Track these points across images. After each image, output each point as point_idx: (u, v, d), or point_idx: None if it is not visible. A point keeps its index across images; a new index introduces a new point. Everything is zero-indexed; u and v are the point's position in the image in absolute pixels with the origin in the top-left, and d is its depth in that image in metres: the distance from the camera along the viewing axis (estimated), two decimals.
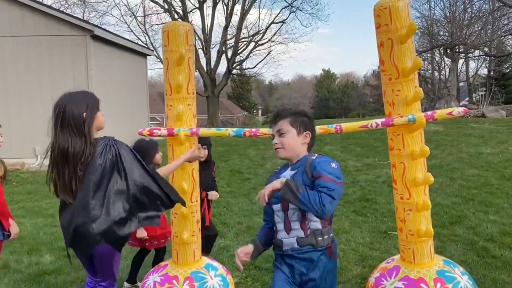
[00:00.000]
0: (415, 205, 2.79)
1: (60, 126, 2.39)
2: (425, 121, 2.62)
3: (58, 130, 2.40)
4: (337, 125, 2.85)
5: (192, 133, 2.97)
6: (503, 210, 5.63)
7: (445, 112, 2.63)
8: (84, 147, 2.36)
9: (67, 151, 2.34)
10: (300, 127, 2.27)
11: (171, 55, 2.94)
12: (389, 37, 2.63)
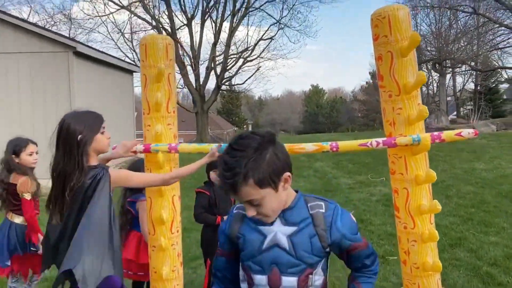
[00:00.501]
0: (420, 235, 2.51)
1: (57, 143, 2.23)
2: (430, 143, 2.36)
3: (56, 148, 2.24)
4: (332, 143, 2.53)
5: (170, 148, 2.65)
6: (504, 231, 5.38)
7: (454, 133, 2.37)
8: (76, 172, 2.14)
9: (59, 171, 2.17)
10: (273, 180, 1.39)
11: (149, 70, 2.66)
12: (389, 50, 2.38)
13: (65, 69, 8.85)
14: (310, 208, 1.51)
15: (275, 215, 1.48)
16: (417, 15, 27.66)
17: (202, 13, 23.44)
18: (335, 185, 8.69)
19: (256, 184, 1.34)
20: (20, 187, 3.23)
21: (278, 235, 1.50)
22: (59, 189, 2.15)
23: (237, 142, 1.37)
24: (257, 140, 1.35)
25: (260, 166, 1.33)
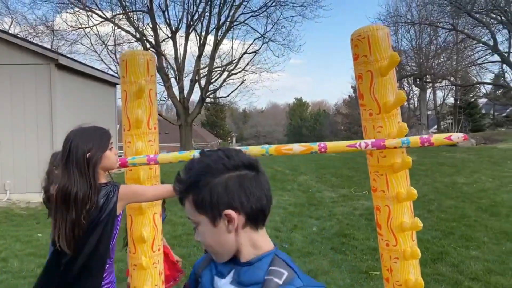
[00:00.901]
0: (402, 252, 2.53)
1: (65, 163, 2.09)
2: (411, 161, 2.38)
3: (63, 168, 2.10)
4: (321, 143, 2.42)
5: (149, 160, 2.58)
6: (484, 245, 5.44)
7: (443, 136, 2.34)
8: (89, 192, 2.03)
9: (70, 194, 2.01)
10: (212, 210, 1.13)
11: (130, 87, 2.64)
12: (369, 69, 2.41)
13: (46, 82, 8.73)
14: (269, 272, 1.13)
15: (220, 256, 1.20)
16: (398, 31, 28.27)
17: (186, 26, 23.47)
18: (319, 198, 8.70)
19: (193, 203, 1.15)
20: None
21: None
22: (75, 212, 2.01)
23: (210, 152, 1.19)
24: (224, 159, 1.14)
25: (203, 187, 1.13)
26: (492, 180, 9.40)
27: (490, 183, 9.13)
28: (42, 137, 8.91)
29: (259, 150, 2.41)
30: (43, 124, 8.90)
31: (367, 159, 2.60)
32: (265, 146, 2.47)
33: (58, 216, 2.06)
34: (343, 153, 15.02)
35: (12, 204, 8.80)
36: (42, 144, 8.93)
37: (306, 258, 5.23)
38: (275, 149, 2.42)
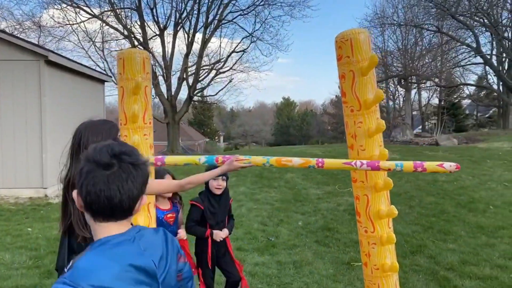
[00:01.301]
0: (379, 238, 2.74)
1: (75, 154, 2.18)
2: (387, 153, 2.59)
3: (73, 160, 2.19)
4: (319, 159, 2.60)
5: (157, 160, 2.78)
6: (461, 238, 5.71)
7: (435, 163, 2.55)
8: None
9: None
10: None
11: (127, 83, 2.80)
12: (351, 69, 2.62)
13: (36, 78, 8.78)
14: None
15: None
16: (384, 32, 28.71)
17: (174, 24, 23.53)
18: (305, 195, 8.91)
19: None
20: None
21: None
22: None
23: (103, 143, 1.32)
24: (95, 151, 1.26)
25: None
26: (471, 178, 9.73)
27: (470, 181, 9.45)
28: (31, 133, 8.96)
29: (260, 160, 2.56)
30: (32, 120, 8.95)
31: (348, 153, 2.80)
32: (267, 157, 2.61)
33: (70, 205, 2.15)
34: (330, 153, 15.31)
35: (0, 200, 8.83)
36: (31, 140, 8.98)
37: (292, 250, 5.43)
38: (275, 161, 2.61)
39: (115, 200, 1.23)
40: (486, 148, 14.11)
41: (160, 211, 3.27)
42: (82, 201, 1.26)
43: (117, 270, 1.19)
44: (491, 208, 7.21)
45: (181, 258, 1.45)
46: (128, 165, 1.25)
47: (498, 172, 10.24)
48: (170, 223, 3.31)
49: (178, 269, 1.42)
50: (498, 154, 12.72)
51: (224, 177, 3.44)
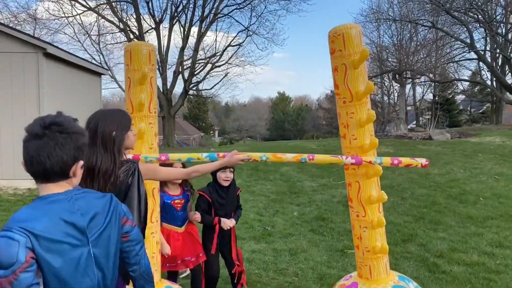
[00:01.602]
0: (370, 222, 2.91)
1: (90, 141, 2.20)
2: (377, 142, 2.75)
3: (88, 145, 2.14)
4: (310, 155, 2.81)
5: (161, 156, 2.93)
6: (451, 228, 5.91)
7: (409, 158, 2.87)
8: (113, 166, 2.23)
9: (94, 168, 2.20)
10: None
11: (133, 74, 2.95)
12: (343, 62, 2.77)
13: (34, 71, 8.87)
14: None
15: None
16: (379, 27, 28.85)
17: (170, 17, 23.55)
18: (300, 187, 9.09)
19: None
20: None
21: None
22: (100, 184, 2.21)
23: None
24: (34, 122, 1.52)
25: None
26: (463, 171, 9.94)
27: (461, 174, 9.66)
28: None
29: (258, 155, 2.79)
30: (31, 112, 9.04)
31: (341, 142, 2.97)
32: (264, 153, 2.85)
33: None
34: (324, 146, 15.48)
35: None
36: None
37: (287, 239, 5.61)
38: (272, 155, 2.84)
39: (47, 166, 1.46)
40: (478, 142, 14.33)
41: (168, 196, 3.43)
42: (24, 167, 1.50)
43: (48, 222, 1.41)
44: (481, 200, 7.41)
45: (128, 222, 1.71)
46: (56, 133, 1.47)
47: (489, 165, 10.46)
48: (177, 208, 3.45)
49: (124, 231, 1.68)
50: (490, 148, 12.95)
51: (231, 169, 3.53)
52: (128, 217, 1.73)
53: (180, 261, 3.43)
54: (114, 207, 1.65)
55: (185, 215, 3.53)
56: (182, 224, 3.50)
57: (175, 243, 3.41)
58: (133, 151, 2.97)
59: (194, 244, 3.49)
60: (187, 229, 3.51)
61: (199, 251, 3.48)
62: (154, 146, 3.08)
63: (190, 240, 3.48)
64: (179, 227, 3.49)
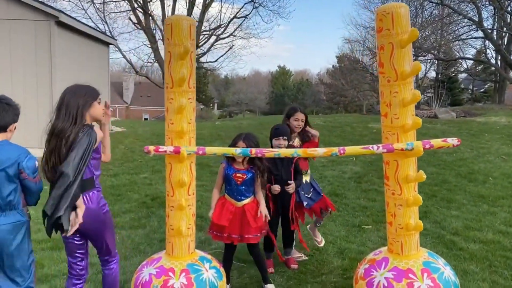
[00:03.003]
0: (405, 200, 2.97)
1: (57, 109, 2.63)
2: (421, 122, 2.79)
3: (56, 112, 2.63)
4: (340, 148, 2.97)
5: (199, 150, 3.00)
6: (464, 206, 6.02)
7: (440, 140, 2.93)
8: (70, 125, 2.57)
9: (55, 128, 2.58)
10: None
11: (174, 48, 2.94)
12: (390, 41, 2.78)
13: (46, 38, 8.77)
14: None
15: None
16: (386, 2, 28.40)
17: None
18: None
19: None
20: None
21: None
22: (54, 143, 2.56)
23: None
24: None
25: None
26: (470, 151, 10.02)
27: (469, 153, 9.75)
28: (41, 93, 9.03)
29: (289, 151, 3.11)
30: (43, 80, 9.01)
31: (381, 120, 3.00)
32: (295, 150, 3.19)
33: (47, 150, 2.60)
34: (331, 122, 15.50)
35: None
36: (42, 99, 9.06)
37: None
38: (302, 151, 3.12)
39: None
40: (484, 122, 14.39)
41: (232, 168, 3.51)
42: None
43: None
44: (491, 179, 7.51)
45: (23, 174, 2.61)
46: (4, 104, 2.75)
47: (495, 145, 10.54)
48: (237, 181, 3.48)
49: (21, 177, 2.62)
50: (496, 128, 13.02)
51: (285, 137, 3.77)
52: (25, 171, 2.60)
53: (226, 234, 3.49)
54: (19, 158, 2.60)
55: (245, 191, 3.52)
56: (240, 199, 3.51)
57: (227, 214, 3.47)
58: (172, 125, 3.01)
59: (243, 225, 3.49)
60: (244, 207, 3.50)
61: (245, 232, 3.50)
62: (192, 121, 3.10)
63: (241, 218, 3.49)
64: (237, 201, 3.51)
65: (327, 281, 3.80)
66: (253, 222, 3.47)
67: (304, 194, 4.15)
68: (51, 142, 2.58)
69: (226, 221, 3.46)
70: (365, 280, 3.07)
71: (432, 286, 2.86)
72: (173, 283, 2.99)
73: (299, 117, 4.20)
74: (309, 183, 4.27)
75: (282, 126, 4.02)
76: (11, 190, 2.62)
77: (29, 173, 2.62)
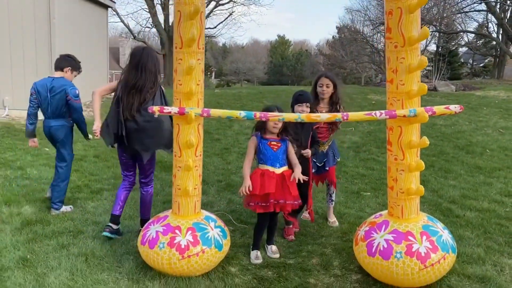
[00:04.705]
0: (407, 165, 3.04)
1: (134, 67, 3.65)
2: (426, 88, 2.83)
3: (133, 72, 3.65)
4: (344, 114, 2.99)
5: (203, 112, 3.01)
6: (461, 176, 6.13)
7: (443, 107, 2.96)
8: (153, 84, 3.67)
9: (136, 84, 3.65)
10: None
11: (184, 7, 2.93)
12: (399, 6, 2.78)
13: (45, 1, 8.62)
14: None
15: None
16: None
17: None
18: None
19: None
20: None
21: None
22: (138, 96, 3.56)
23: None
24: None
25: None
26: (468, 124, 10.11)
27: (467, 126, 9.84)
28: (40, 55, 8.94)
29: (292, 116, 3.08)
30: (42, 42, 8.90)
31: (387, 86, 3.03)
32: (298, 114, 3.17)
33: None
34: None
35: (11, 120, 8.98)
36: (41, 62, 8.98)
37: None
38: (306, 117, 3.07)
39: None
40: (482, 96, 14.43)
41: (264, 139, 3.46)
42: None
43: (40, 81, 4.43)
44: (488, 152, 7.62)
45: (68, 97, 4.32)
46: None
47: (494, 119, 10.63)
48: (273, 148, 3.43)
49: (66, 93, 4.31)
50: (495, 102, 13.07)
51: (307, 104, 3.76)
52: (70, 95, 4.28)
53: (273, 201, 3.38)
54: (66, 87, 4.29)
55: (282, 159, 3.47)
56: (279, 166, 3.44)
57: (270, 181, 3.35)
58: (181, 86, 3.03)
59: (284, 190, 3.41)
60: (284, 173, 3.42)
61: (289, 198, 3.42)
62: (201, 82, 3.12)
63: (282, 184, 3.41)
64: (275, 168, 3.42)
65: (327, 243, 3.92)
66: (293, 189, 3.41)
67: (315, 162, 4.21)
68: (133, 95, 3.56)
69: (272, 187, 3.34)
70: (365, 241, 3.17)
71: (430, 248, 2.97)
72: (180, 240, 3.08)
73: (323, 82, 4.10)
74: (324, 154, 4.28)
75: (305, 92, 3.95)
76: (62, 105, 4.29)
77: (72, 96, 4.27)
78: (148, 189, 3.95)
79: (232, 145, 7.94)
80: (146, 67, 3.54)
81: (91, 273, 3.18)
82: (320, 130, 4.18)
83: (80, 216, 4.33)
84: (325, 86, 4.10)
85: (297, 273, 3.34)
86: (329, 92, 4.13)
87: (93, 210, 4.53)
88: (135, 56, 3.60)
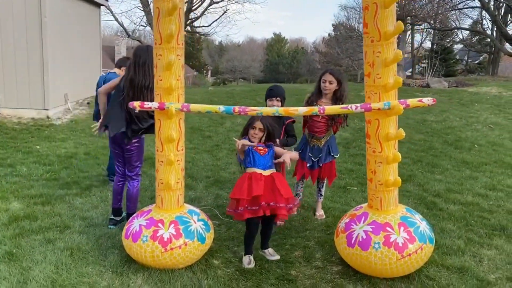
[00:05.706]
0: (385, 158, 3.10)
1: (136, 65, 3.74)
2: (401, 81, 2.88)
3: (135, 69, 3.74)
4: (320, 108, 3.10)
5: (183, 106, 3.06)
6: (447, 171, 6.20)
7: (416, 100, 3.03)
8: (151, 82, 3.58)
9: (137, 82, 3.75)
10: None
11: (162, 4, 2.97)
12: (374, 1, 2.83)
13: None
14: None
15: None
16: None
17: None
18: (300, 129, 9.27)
19: None
20: None
21: None
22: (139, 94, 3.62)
23: None
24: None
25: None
26: (459, 119, 10.18)
27: (457, 122, 9.91)
28: (32, 54, 8.95)
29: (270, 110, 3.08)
30: (33, 41, 8.91)
31: (365, 80, 3.08)
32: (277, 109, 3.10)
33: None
34: None
35: (3, 118, 8.99)
36: (32, 61, 8.99)
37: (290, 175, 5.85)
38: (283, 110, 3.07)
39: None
40: (474, 92, 14.50)
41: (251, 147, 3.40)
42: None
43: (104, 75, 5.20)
44: (476, 147, 7.69)
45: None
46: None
47: (484, 115, 10.70)
48: (260, 153, 3.38)
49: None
50: (486, 98, 13.15)
51: (278, 98, 3.87)
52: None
53: (263, 203, 3.24)
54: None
55: (269, 162, 3.40)
56: (266, 168, 3.36)
57: (257, 183, 3.24)
58: (161, 82, 3.08)
59: (274, 192, 3.29)
60: (272, 174, 3.36)
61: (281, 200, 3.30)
62: (181, 78, 3.17)
63: (272, 185, 3.31)
64: (263, 170, 3.33)
65: (311, 236, 3.98)
66: (283, 190, 3.29)
67: (311, 156, 4.26)
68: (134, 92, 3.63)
69: (260, 189, 3.22)
70: (345, 233, 3.23)
71: (408, 238, 3.03)
72: (163, 233, 3.13)
73: (327, 78, 4.10)
74: (320, 149, 4.32)
75: (277, 87, 4.01)
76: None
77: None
78: (134, 183, 4.03)
79: (223, 142, 7.98)
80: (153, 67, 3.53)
81: (76, 267, 3.22)
82: (317, 125, 4.22)
83: (68, 211, 4.37)
84: (328, 82, 4.11)
85: (279, 265, 3.40)
86: (332, 88, 4.13)
87: (81, 206, 4.57)
88: (141, 56, 3.65)
